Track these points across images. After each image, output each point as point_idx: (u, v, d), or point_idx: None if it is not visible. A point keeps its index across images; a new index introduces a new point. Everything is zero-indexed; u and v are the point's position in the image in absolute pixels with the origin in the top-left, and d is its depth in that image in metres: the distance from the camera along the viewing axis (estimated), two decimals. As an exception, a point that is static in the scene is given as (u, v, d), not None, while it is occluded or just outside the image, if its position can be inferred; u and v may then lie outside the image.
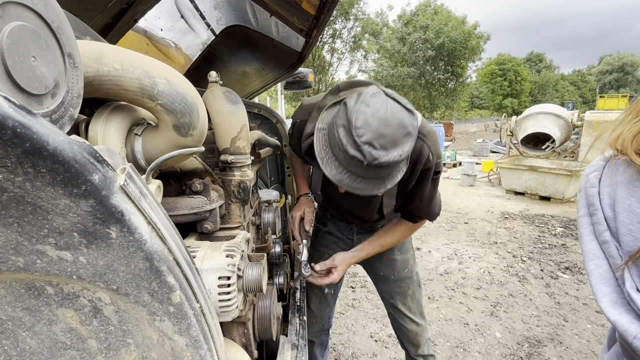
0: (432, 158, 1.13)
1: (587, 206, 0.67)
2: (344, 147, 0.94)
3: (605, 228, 0.63)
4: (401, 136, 0.94)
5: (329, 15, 1.78)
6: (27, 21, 0.39)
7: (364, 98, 0.95)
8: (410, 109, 0.98)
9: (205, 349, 0.48)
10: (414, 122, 0.97)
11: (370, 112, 0.92)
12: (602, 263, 0.63)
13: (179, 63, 2.36)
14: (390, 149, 0.93)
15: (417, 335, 1.60)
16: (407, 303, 1.57)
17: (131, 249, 0.38)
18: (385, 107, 0.93)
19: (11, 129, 0.27)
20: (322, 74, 26.01)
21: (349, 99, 0.98)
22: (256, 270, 0.85)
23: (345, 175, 1.01)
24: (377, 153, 0.92)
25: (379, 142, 0.92)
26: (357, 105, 0.94)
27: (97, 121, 0.64)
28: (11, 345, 0.42)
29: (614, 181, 0.64)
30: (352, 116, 0.92)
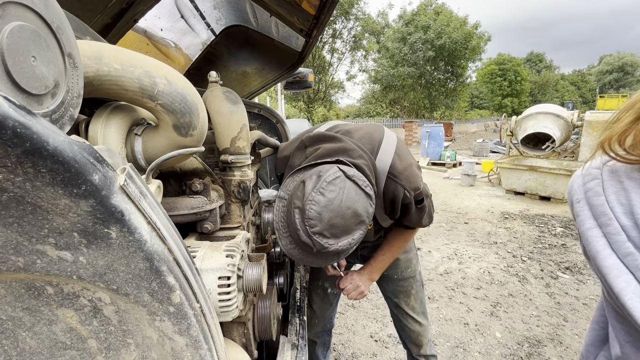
0: (409, 194, 1.14)
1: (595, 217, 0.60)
2: (297, 231, 0.97)
3: (625, 238, 0.56)
4: (353, 225, 0.97)
5: (329, 15, 1.78)
6: (27, 21, 0.39)
7: (320, 185, 0.94)
8: (368, 192, 0.99)
9: (205, 349, 0.48)
10: (369, 209, 0.99)
11: (324, 203, 0.93)
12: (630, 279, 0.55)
13: (179, 63, 2.36)
14: (342, 237, 0.97)
15: (419, 335, 1.60)
16: (410, 303, 1.57)
17: (131, 249, 0.38)
18: (341, 197, 0.94)
19: (11, 129, 0.27)
20: (322, 74, 26.00)
21: (308, 181, 0.98)
22: (256, 270, 0.85)
23: (297, 251, 1.04)
24: (326, 242, 0.95)
25: (330, 232, 0.94)
26: (313, 193, 0.94)
27: (97, 121, 0.64)
28: (11, 345, 0.42)
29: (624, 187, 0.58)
30: (307, 205, 0.93)
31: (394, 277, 1.55)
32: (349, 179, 0.97)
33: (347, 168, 1.00)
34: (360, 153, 1.09)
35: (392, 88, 29.04)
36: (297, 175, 1.06)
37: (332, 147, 1.10)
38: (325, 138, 1.16)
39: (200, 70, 2.46)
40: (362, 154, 1.10)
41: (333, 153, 1.08)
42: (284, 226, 1.05)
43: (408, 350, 1.68)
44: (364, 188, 0.98)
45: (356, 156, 1.08)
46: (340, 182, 0.95)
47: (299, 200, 0.96)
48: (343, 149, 1.09)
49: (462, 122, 30.70)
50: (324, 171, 0.98)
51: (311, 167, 1.04)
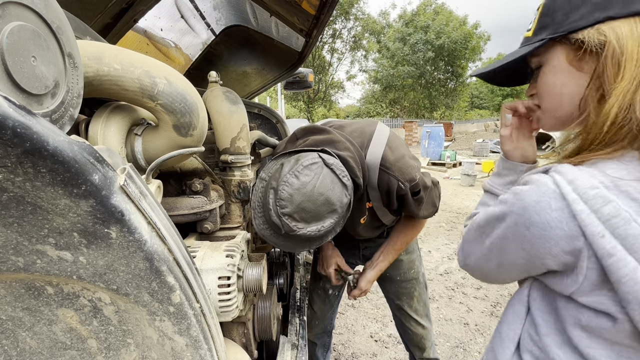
0: (404, 185, 1.14)
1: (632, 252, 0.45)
2: (269, 210, 0.97)
3: None
4: (325, 212, 0.97)
5: (329, 15, 1.78)
6: (27, 21, 0.39)
7: (296, 168, 0.95)
8: (345, 182, 0.99)
9: (205, 349, 0.48)
10: (343, 199, 0.99)
11: (297, 186, 0.93)
12: None
13: (179, 63, 2.36)
14: (311, 222, 0.96)
15: (422, 339, 1.58)
16: (413, 305, 1.55)
17: (131, 249, 0.38)
18: (315, 182, 0.94)
19: (11, 129, 0.27)
20: (322, 74, 26.02)
21: (286, 163, 0.98)
22: (256, 270, 0.85)
23: (269, 232, 1.04)
24: (295, 225, 0.95)
25: (299, 216, 0.94)
26: (288, 175, 0.94)
27: (97, 121, 0.64)
28: (11, 345, 0.42)
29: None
30: (280, 186, 0.94)
31: (397, 278, 1.54)
32: (327, 166, 0.97)
33: (328, 157, 1.00)
34: (346, 145, 1.10)
35: (392, 88, 29.06)
36: (279, 159, 1.07)
37: (319, 138, 1.11)
38: (315, 130, 1.17)
39: (200, 70, 2.46)
40: (348, 147, 1.10)
41: (319, 143, 1.08)
42: (259, 206, 1.05)
43: (410, 353, 1.66)
44: (341, 178, 0.98)
45: (342, 148, 1.08)
46: (316, 168, 0.96)
47: (275, 181, 0.97)
48: (330, 140, 1.10)
49: (462, 122, 30.69)
50: (303, 156, 0.98)
51: (294, 153, 1.05)
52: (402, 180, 1.13)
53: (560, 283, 0.53)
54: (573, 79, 0.59)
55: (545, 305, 0.59)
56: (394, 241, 1.42)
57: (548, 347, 0.57)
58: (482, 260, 0.65)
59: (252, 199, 1.07)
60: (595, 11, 0.53)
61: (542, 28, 0.60)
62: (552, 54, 0.61)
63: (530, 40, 0.62)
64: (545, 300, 0.59)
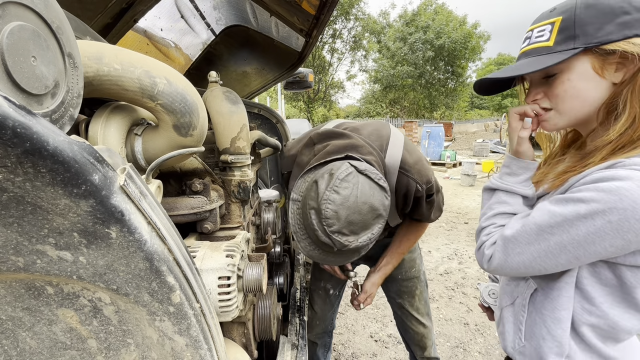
0: (421, 188, 1.14)
1: None
2: (316, 232, 0.96)
3: None
4: (371, 219, 0.96)
5: (329, 15, 1.78)
6: (27, 21, 0.39)
7: (333, 183, 0.93)
8: (382, 185, 0.98)
9: (205, 349, 0.48)
10: (385, 202, 0.98)
11: (340, 201, 0.91)
12: None
13: (179, 63, 2.36)
14: (361, 233, 0.96)
15: (423, 337, 1.58)
16: (414, 304, 1.55)
17: (131, 249, 0.38)
18: (356, 193, 0.93)
19: (11, 129, 0.27)
20: (322, 74, 26.01)
21: (320, 180, 0.96)
22: (256, 270, 0.85)
23: (317, 252, 1.04)
24: (346, 240, 0.94)
25: (348, 229, 0.94)
26: (327, 192, 0.92)
27: (97, 121, 0.64)
28: (11, 345, 0.42)
29: None
30: (322, 205, 0.92)
31: (398, 277, 1.54)
32: (362, 173, 0.96)
33: (359, 163, 0.99)
34: (369, 149, 1.09)
35: (392, 88, 29.06)
36: (308, 176, 1.05)
37: (341, 144, 1.09)
38: (333, 135, 1.16)
39: (200, 70, 2.46)
40: (371, 150, 1.09)
41: (342, 149, 1.07)
42: (301, 228, 1.04)
43: (411, 352, 1.66)
44: (378, 181, 0.97)
45: (365, 152, 1.07)
46: (353, 178, 0.94)
47: (314, 201, 0.95)
48: (352, 145, 1.09)
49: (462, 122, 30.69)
50: (336, 168, 0.96)
51: (321, 165, 1.03)
52: (421, 183, 1.14)
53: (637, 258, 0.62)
54: (597, 85, 0.70)
55: (597, 279, 0.68)
56: (397, 245, 1.42)
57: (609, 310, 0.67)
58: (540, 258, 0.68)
59: (290, 222, 1.07)
60: (623, 29, 0.64)
61: (568, 39, 0.68)
62: (577, 62, 0.69)
63: (554, 49, 0.69)
64: (597, 275, 0.68)
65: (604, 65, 0.69)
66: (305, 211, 1.00)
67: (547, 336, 0.74)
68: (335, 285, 1.61)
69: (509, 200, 0.81)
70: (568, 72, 0.71)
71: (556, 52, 0.69)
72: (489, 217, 0.82)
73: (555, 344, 0.73)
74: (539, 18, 0.75)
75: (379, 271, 1.42)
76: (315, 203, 0.95)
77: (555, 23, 0.70)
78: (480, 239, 0.81)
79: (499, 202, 0.83)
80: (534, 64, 0.71)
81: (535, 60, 0.71)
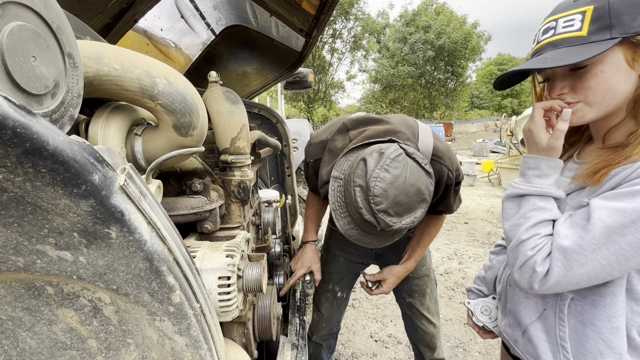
0: (452, 174, 1.14)
1: None
2: (360, 209, 0.95)
3: None
4: (417, 203, 0.95)
5: (329, 15, 1.78)
6: (27, 21, 0.39)
7: (384, 162, 0.92)
8: (428, 170, 0.97)
9: (205, 349, 0.48)
10: (430, 187, 0.98)
11: (390, 180, 0.91)
12: None
13: (179, 63, 2.36)
14: (405, 215, 0.95)
15: (433, 337, 1.54)
16: (425, 302, 1.52)
17: (131, 249, 0.38)
18: (405, 173, 0.92)
19: (11, 129, 0.27)
20: (322, 74, 26.00)
21: (369, 158, 0.95)
22: (256, 270, 0.85)
23: (356, 231, 1.03)
24: (391, 220, 0.94)
25: (394, 210, 0.93)
26: (377, 170, 0.92)
27: (97, 121, 0.64)
28: (11, 345, 0.42)
29: None
30: (372, 182, 0.91)
31: (409, 275, 1.49)
32: (410, 156, 0.96)
33: (406, 146, 0.98)
34: (407, 136, 1.09)
35: (392, 88, 29.06)
36: (352, 155, 1.05)
37: (381, 129, 1.08)
38: (369, 120, 1.16)
39: (200, 70, 2.46)
40: (409, 137, 1.09)
41: (383, 134, 1.06)
42: (341, 206, 1.03)
43: (420, 353, 1.62)
44: (424, 166, 0.97)
45: (404, 138, 1.07)
46: (403, 159, 0.94)
47: (361, 179, 0.94)
48: (392, 130, 1.08)
49: (462, 122, 30.68)
50: (385, 148, 0.96)
51: (365, 146, 1.03)
52: (452, 170, 1.14)
53: None
54: (628, 77, 0.67)
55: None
56: (418, 238, 1.40)
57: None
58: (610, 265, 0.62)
59: (330, 200, 1.06)
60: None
61: (603, 29, 0.65)
62: (611, 53, 0.66)
63: (589, 39, 0.66)
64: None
65: (635, 56, 0.66)
66: (349, 188, 0.98)
67: (606, 350, 0.67)
68: (343, 288, 1.59)
69: (546, 206, 0.73)
70: (601, 64, 0.67)
71: (592, 42, 0.65)
72: (528, 228, 0.72)
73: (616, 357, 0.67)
74: (563, 7, 0.70)
75: (402, 264, 1.39)
76: (363, 181, 0.94)
77: (587, 12, 0.66)
78: (524, 254, 0.71)
79: (535, 209, 0.73)
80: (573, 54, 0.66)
81: (570, 51, 0.67)
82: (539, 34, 0.74)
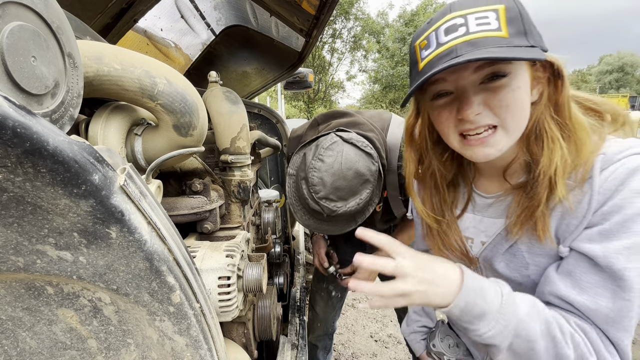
0: None
1: None
2: (306, 200, 1.00)
3: None
4: (358, 185, 0.98)
5: (329, 15, 1.78)
6: (27, 21, 0.39)
7: (318, 152, 0.97)
8: (368, 152, 0.99)
9: (205, 349, 0.48)
10: (371, 167, 0.99)
11: (324, 168, 0.95)
12: None
13: (179, 63, 2.36)
14: (349, 198, 0.98)
15: None
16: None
17: (131, 249, 0.38)
18: (340, 159, 0.96)
19: (11, 129, 0.27)
20: (322, 74, 26.01)
21: (307, 152, 1.02)
22: (256, 270, 0.85)
23: (312, 221, 1.07)
24: (334, 205, 0.97)
25: (335, 195, 0.97)
26: (313, 160, 0.97)
27: (97, 121, 0.64)
28: (11, 345, 0.42)
29: None
30: (309, 173, 0.97)
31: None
32: (347, 142, 0.99)
33: (345, 133, 1.02)
34: (370, 127, 1.12)
35: (392, 88, 29.05)
36: (301, 151, 1.11)
37: (343, 121, 1.13)
38: (336, 114, 1.20)
39: (200, 70, 2.46)
40: (372, 128, 1.12)
41: (344, 126, 1.10)
42: (296, 200, 1.09)
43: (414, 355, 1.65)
44: (364, 148, 0.99)
45: (367, 129, 1.10)
46: (337, 146, 0.98)
47: (303, 172, 1.01)
48: (354, 122, 1.12)
49: (462, 122, 30.60)
50: (321, 140, 1.01)
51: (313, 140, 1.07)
52: None
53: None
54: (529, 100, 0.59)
55: None
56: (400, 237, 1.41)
57: None
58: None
59: (287, 196, 1.12)
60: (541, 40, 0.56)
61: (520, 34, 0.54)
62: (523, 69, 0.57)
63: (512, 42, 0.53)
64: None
65: (535, 77, 0.59)
66: (297, 182, 1.04)
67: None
68: (337, 287, 1.60)
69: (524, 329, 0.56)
70: (517, 79, 0.56)
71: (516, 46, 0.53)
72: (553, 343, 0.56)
73: None
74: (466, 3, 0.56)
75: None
76: (304, 173, 1.00)
77: (500, 11, 0.54)
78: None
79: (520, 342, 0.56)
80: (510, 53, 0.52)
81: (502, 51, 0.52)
82: (439, 35, 0.57)
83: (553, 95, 0.59)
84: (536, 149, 0.60)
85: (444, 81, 0.61)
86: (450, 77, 0.60)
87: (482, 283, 0.58)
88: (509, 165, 0.66)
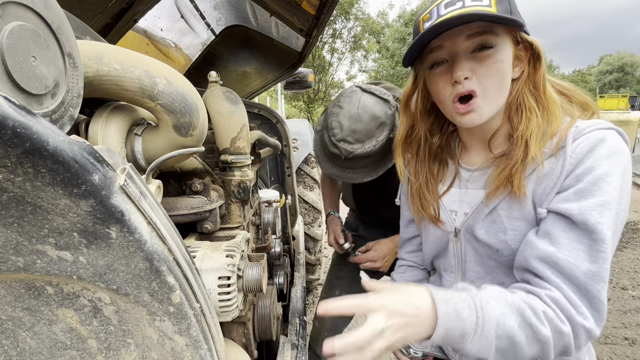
0: None
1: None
2: (326, 145, 1.08)
3: None
4: (374, 128, 1.04)
5: (329, 15, 1.78)
6: (27, 21, 0.39)
7: (337, 101, 1.06)
8: (386, 98, 1.06)
9: (205, 349, 0.48)
10: (388, 111, 1.05)
11: (342, 113, 1.03)
12: None
13: (179, 63, 2.36)
14: (365, 140, 1.04)
15: None
16: None
17: (131, 249, 0.38)
18: (357, 104, 1.03)
19: (11, 129, 0.27)
20: (322, 74, 26.00)
21: (330, 106, 1.10)
22: (256, 270, 0.85)
23: (335, 169, 1.13)
24: (351, 147, 1.03)
25: (353, 137, 1.03)
26: (332, 108, 1.06)
27: (97, 121, 0.64)
28: (11, 345, 0.42)
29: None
30: (328, 119, 1.05)
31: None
32: (365, 91, 1.06)
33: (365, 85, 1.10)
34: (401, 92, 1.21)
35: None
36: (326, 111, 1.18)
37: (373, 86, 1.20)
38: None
39: (200, 70, 2.46)
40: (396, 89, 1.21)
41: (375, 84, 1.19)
42: (320, 151, 1.17)
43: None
44: (382, 95, 1.06)
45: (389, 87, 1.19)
46: (355, 94, 1.05)
47: (324, 122, 1.09)
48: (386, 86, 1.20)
49: (462, 122, 30.60)
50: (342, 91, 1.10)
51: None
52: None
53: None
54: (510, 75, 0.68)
55: None
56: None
57: None
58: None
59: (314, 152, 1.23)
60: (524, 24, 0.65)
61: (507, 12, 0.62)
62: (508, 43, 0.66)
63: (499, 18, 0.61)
64: None
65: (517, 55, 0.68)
66: (322, 134, 1.12)
67: None
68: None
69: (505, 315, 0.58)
70: (501, 52, 0.65)
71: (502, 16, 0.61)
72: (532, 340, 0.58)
73: None
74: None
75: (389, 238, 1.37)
76: (325, 123, 1.08)
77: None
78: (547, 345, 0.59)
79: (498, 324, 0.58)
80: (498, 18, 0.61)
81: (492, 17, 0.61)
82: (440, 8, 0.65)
83: (532, 74, 0.69)
84: (516, 119, 0.70)
85: (441, 49, 0.70)
86: (446, 44, 0.68)
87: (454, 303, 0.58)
88: (493, 136, 0.75)
